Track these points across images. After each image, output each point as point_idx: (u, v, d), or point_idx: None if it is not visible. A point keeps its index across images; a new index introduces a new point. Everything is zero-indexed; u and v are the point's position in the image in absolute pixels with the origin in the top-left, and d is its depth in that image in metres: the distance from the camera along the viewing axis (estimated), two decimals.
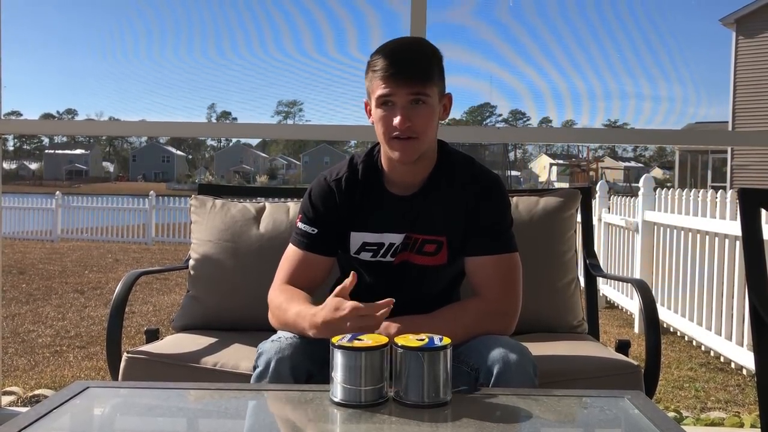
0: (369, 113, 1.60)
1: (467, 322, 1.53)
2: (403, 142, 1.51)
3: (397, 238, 1.61)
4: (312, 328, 1.40)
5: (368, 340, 1.22)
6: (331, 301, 1.38)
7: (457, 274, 1.68)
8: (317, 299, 1.52)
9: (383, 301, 1.34)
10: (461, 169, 1.63)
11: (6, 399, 3.17)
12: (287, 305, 1.52)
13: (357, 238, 1.63)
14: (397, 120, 1.49)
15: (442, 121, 1.63)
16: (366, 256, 1.63)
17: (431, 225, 1.61)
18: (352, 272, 1.41)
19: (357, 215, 1.62)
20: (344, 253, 1.65)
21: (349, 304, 1.34)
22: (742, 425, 3.01)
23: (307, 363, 1.42)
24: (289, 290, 1.58)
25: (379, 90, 1.50)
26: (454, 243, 1.61)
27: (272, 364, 1.40)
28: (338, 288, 1.40)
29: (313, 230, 1.61)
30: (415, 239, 1.61)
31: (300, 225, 1.64)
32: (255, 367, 1.45)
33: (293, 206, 2.21)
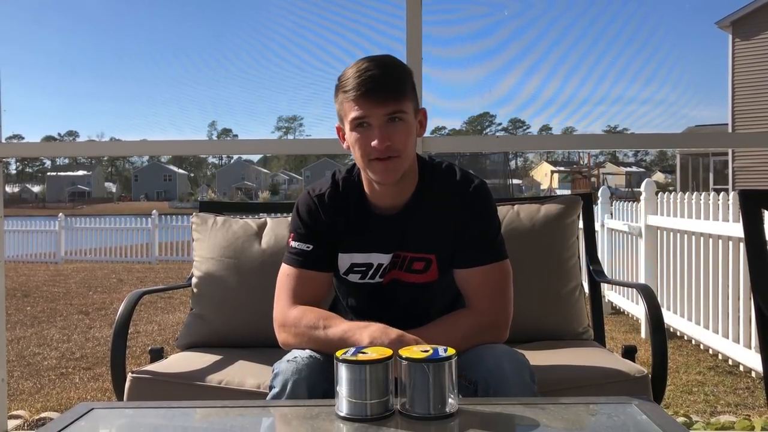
0: (343, 138, 1.55)
1: (458, 336, 1.45)
2: (384, 162, 1.46)
3: (384, 258, 1.58)
4: (380, 340, 1.35)
5: (372, 353, 1.22)
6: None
7: (455, 287, 1.60)
8: None
9: None
10: (444, 182, 1.59)
11: (12, 423, 3.17)
12: (328, 323, 1.46)
13: (345, 260, 1.60)
14: (375, 142, 1.44)
15: (420, 137, 1.59)
16: (354, 278, 1.61)
17: (419, 243, 1.57)
18: None
19: (344, 236, 1.59)
20: (335, 274, 1.63)
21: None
22: (752, 428, 2.99)
23: (323, 382, 1.39)
24: (315, 309, 1.51)
25: (353, 113, 1.45)
26: (443, 259, 1.57)
27: (289, 385, 1.37)
28: None
29: (308, 247, 1.57)
30: (404, 257, 1.58)
31: (293, 243, 1.58)
32: (271, 387, 1.41)
33: None
